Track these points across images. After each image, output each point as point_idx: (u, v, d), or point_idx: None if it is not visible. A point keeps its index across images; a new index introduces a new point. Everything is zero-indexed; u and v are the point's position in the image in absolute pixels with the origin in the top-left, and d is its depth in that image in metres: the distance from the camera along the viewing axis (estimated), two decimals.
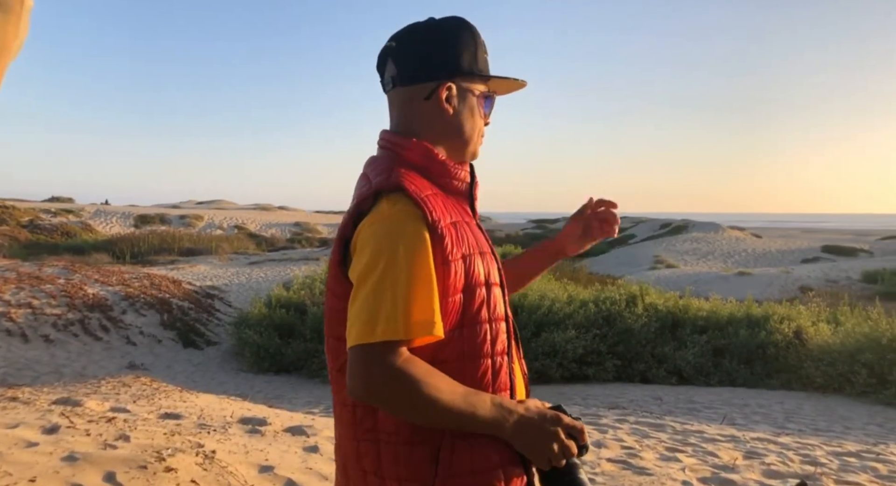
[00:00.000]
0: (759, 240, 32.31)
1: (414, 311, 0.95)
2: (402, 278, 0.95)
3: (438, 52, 1.11)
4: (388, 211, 1.00)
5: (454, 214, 1.06)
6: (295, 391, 8.41)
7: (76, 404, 3.66)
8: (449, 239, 1.02)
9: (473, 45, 1.13)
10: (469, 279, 1.04)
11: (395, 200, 1.01)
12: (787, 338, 9.34)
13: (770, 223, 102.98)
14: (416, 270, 0.96)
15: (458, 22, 1.14)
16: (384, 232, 0.98)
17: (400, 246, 0.97)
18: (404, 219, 0.99)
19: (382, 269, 0.96)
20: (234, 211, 40.33)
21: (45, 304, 10.25)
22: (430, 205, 1.02)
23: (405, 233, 0.98)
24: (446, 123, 1.12)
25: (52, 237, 25.07)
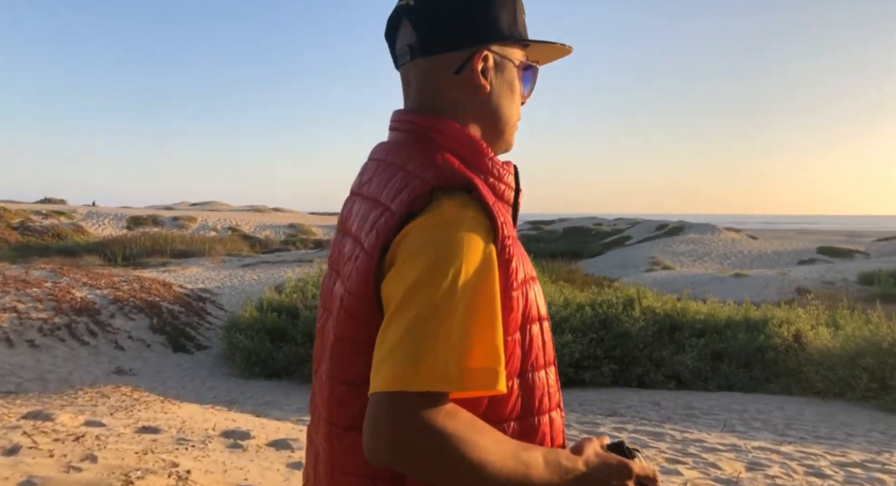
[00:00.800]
0: (755, 241, 32.27)
1: (475, 355, 0.70)
2: (464, 308, 0.70)
3: (470, 11, 0.85)
4: (454, 214, 0.74)
5: (511, 227, 0.83)
6: (286, 397, 8.24)
7: (47, 418, 3.47)
8: (515, 263, 0.79)
9: (514, 2, 0.88)
10: (527, 313, 0.82)
11: (460, 202, 0.76)
12: (786, 342, 9.22)
13: (765, 225, 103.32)
14: (483, 299, 0.72)
15: None
16: (448, 241, 0.72)
17: (465, 263, 0.72)
18: (472, 228, 0.74)
19: (438, 291, 0.70)
20: (227, 212, 40.11)
21: (30, 308, 10.05)
22: (501, 214, 0.78)
23: (475, 248, 0.73)
24: (481, 104, 0.87)
25: (42, 239, 24.82)
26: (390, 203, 0.78)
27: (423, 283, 0.71)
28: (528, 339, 0.82)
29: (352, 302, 0.79)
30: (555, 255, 23.63)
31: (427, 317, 0.69)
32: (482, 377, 0.70)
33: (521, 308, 0.80)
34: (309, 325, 9.91)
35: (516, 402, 0.80)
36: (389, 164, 0.85)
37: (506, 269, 0.77)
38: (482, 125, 0.88)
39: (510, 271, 0.78)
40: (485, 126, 0.88)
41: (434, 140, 0.84)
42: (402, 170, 0.81)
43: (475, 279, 0.72)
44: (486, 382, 0.70)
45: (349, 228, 0.88)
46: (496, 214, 0.77)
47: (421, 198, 0.76)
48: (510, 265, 0.78)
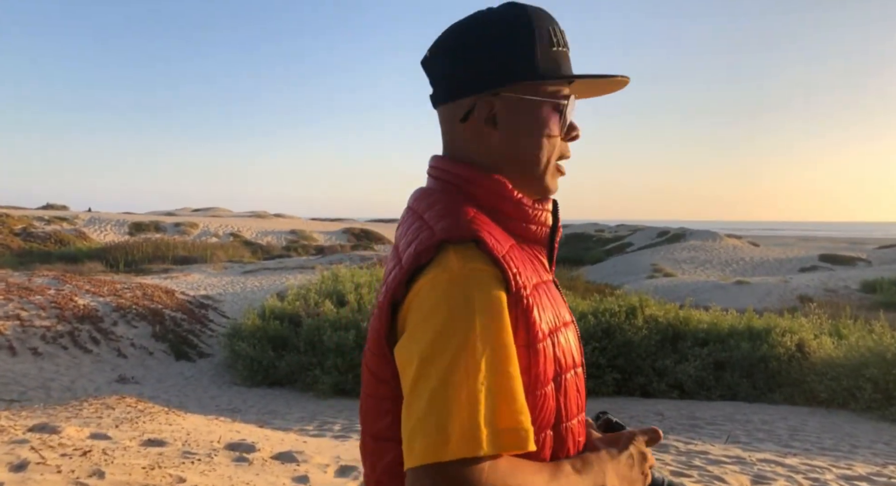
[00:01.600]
0: (757, 248, 32.25)
1: (501, 416, 0.69)
2: (483, 369, 0.69)
3: (476, 57, 0.84)
4: (458, 269, 0.73)
5: (534, 274, 0.81)
6: (288, 406, 8.23)
7: (53, 430, 3.47)
8: (537, 312, 0.77)
9: (528, 37, 0.84)
10: (557, 364, 0.80)
11: (467, 255, 0.75)
12: (789, 351, 9.20)
13: (766, 231, 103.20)
14: (500, 356, 0.71)
15: (507, 11, 0.86)
16: (457, 299, 0.72)
17: (477, 321, 0.71)
18: (481, 283, 0.73)
19: (454, 353, 0.69)
20: (229, 218, 40.16)
21: (34, 316, 10.05)
22: (514, 265, 0.77)
23: (485, 303, 0.72)
24: (494, 149, 0.86)
25: (45, 246, 24.84)
26: (402, 256, 0.79)
27: (438, 347, 0.70)
28: (564, 388, 0.81)
29: (371, 359, 0.81)
30: (556, 261, 23.62)
31: (448, 382, 0.69)
32: (511, 436, 0.69)
33: (552, 358, 0.79)
34: (311, 333, 9.90)
35: (546, 453, 0.79)
36: (414, 211, 0.86)
37: (526, 320, 0.76)
38: (505, 169, 0.86)
39: (531, 321, 0.76)
40: (508, 170, 0.86)
41: (459, 187, 0.85)
42: (419, 219, 0.82)
43: (492, 335, 0.71)
44: (515, 441, 0.70)
45: (385, 279, 0.88)
46: (507, 265, 0.75)
47: (427, 251, 0.75)
48: (530, 316, 0.76)
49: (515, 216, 0.84)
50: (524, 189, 0.87)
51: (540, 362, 0.77)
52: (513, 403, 0.70)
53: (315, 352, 9.64)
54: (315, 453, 4.00)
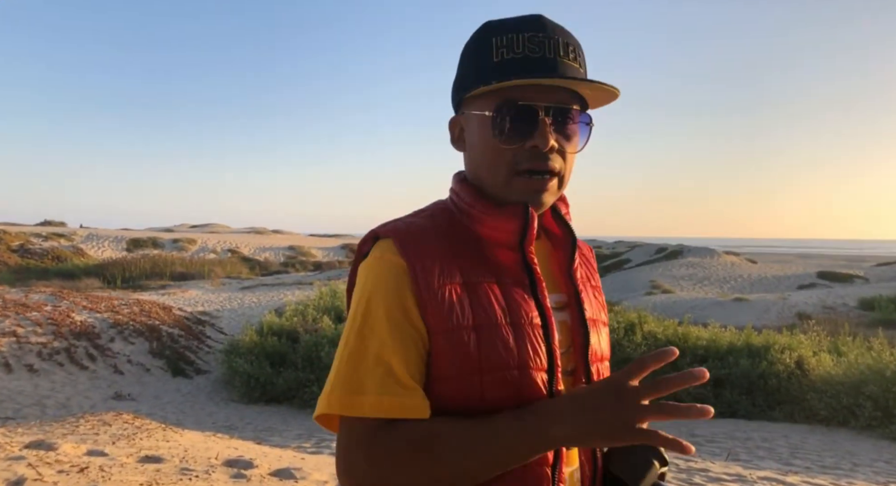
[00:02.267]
0: (755, 265, 32.30)
1: (348, 382, 0.81)
2: (353, 340, 0.83)
3: (456, 79, 0.94)
4: (375, 258, 0.86)
5: (475, 273, 0.85)
6: (286, 424, 8.16)
7: (50, 447, 3.45)
8: (458, 305, 0.82)
9: (473, 54, 0.89)
10: (484, 359, 0.81)
11: (384, 247, 0.86)
12: (788, 368, 9.18)
13: (763, 248, 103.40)
14: (368, 329, 0.82)
15: (475, 33, 0.92)
16: (363, 282, 0.86)
17: (363, 300, 0.84)
18: (379, 269, 0.85)
19: (348, 324, 0.86)
20: (227, 235, 40.16)
21: (30, 332, 10.01)
22: (422, 257, 0.84)
23: (376, 285, 0.84)
24: (469, 163, 0.94)
25: (42, 262, 24.79)
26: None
27: (348, 319, 0.87)
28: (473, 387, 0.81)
29: None
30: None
31: (340, 350, 0.85)
32: (347, 401, 0.81)
33: (450, 354, 0.82)
34: (308, 349, 9.86)
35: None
36: None
37: (437, 308, 0.82)
38: (475, 179, 0.93)
39: (443, 311, 0.82)
40: (477, 180, 0.93)
41: (450, 196, 0.96)
42: None
43: (365, 312, 0.83)
44: (348, 405, 0.80)
45: None
46: (408, 258, 0.84)
47: (366, 243, 0.91)
48: (443, 307, 0.82)
49: (478, 218, 0.90)
50: (497, 198, 0.90)
51: (461, 349, 0.82)
52: (362, 372, 0.81)
53: (313, 368, 9.60)
54: (313, 469, 3.97)
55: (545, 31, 0.87)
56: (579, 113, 0.90)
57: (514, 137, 0.86)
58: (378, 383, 0.80)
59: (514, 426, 0.77)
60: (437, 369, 0.82)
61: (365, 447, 0.79)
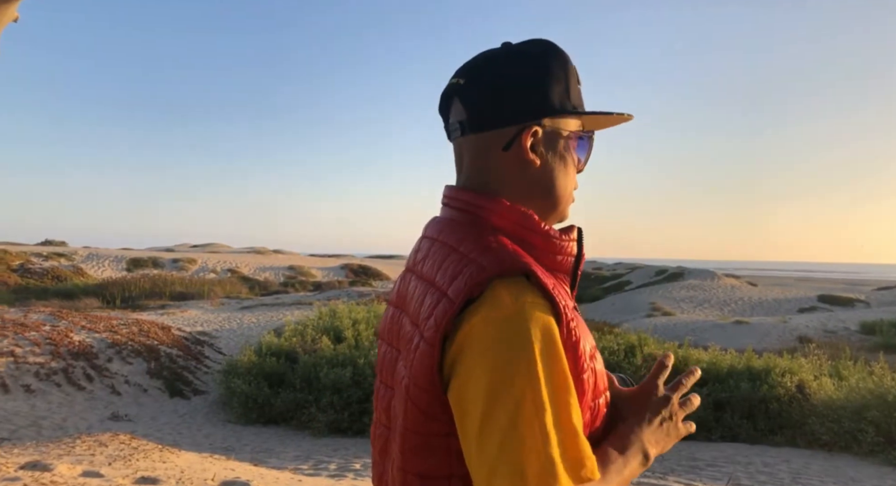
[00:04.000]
0: (755, 288, 32.26)
1: (570, 448, 0.71)
2: (549, 404, 0.70)
3: (519, 87, 0.85)
4: (511, 305, 0.73)
5: (567, 300, 0.82)
6: (283, 445, 8.10)
7: (46, 468, 3.43)
8: (582, 342, 0.78)
9: (564, 73, 0.88)
10: (594, 390, 0.81)
11: (518, 289, 0.75)
12: (789, 392, 9.13)
13: (763, 271, 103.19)
14: (562, 389, 0.72)
15: (542, 46, 0.88)
16: (515, 335, 0.72)
17: (537, 356, 0.71)
18: (535, 317, 0.73)
19: (520, 390, 0.70)
20: (228, 254, 40.18)
21: (28, 352, 9.97)
22: (561, 296, 0.78)
23: (540, 337, 0.72)
24: (532, 179, 0.87)
25: (42, 282, 24.78)
26: (447, 289, 0.78)
27: (502, 385, 0.70)
28: (598, 414, 0.83)
29: (419, 396, 0.78)
30: None
31: (518, 420, 0.69)
32: (582, 467, 0.71)
33: (592, 385, 0.80)
34: (307, 370, 9.83)
35: None
36: (443, 243, 0.85)
37: (574, 351, 0.76)
38: (535, 200, 0.88)
39: (579, 353, 0.77)
40: (538, 200, 0.88)
41: (485, 219, 0.85)
42: (455, 252, 0.82)
43: (549, 371, 0.72)
44: (585, 471, 0.71)
45: (407, 306, 0.88)
46: (557, 298, 0.76)
47: (479, 286, 0.75)
48: (578, 348, 0.77)
49: (543, 247, 0.84)
50: (546, 219, 0.89)
51: (584, 393, 0.78)
52: (578, 434, 0.72)
53: (311, 389, 9.54)
54: None
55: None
56: None
57: (584, 164, 0.94)
58: (586, 447, 0.73)
59: (635, 456, 0.83)
60: None
61: None
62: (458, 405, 0.73)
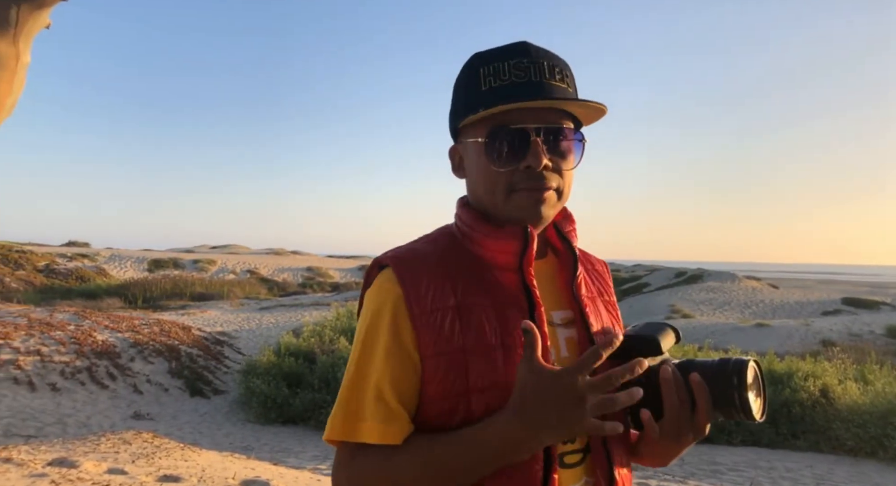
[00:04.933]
0: (776, 290, 31.76)
1: (349, 408, 0.87)
2: (353, 368, 0.88)
3: (450, 113, 0.98)
4: (376, 286, 0.91)
5: (473, 296, 0.87)
6: (301, 445, 8.15)
7: (72, 465, 3.50)
8: (429, 329, 0.85)
9: (464, 85, 0.93)
10: (451, 386, 0.85)
11: (384, 276, 0.91)
12: (812, 397, 8.97)
13: (785, 273, 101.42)
14: (364, 357, 0.88)
15: (465, 64, 0.95)
16: (363, 312, 0.91)
17: (362, 328, 0.89)
18: (376, 298, 0.89)
19: (351, 353, 0.91)
20: (247, 255, 40.57)
21: (53, 351, 10.16)
22: (417, 283, 0.87)
23: (374, 314, 0.89)
24: (469, 188, 0.98)
25: (66, 282, 25.25)
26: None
27: (352, 345, 0.92)
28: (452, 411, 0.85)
29: None
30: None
31: (345, 376, 0.90)
32: (357, 422, 0.85)
33: (440, 379, 0.85)
34: (325, 370, 9.88)
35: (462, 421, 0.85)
36: None
37: (432, 332, 0.86)
38: (478, 204, 0.96)
39: (440, 335, 0.86)
40: (479, 204, 0.96)
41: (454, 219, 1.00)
42: None
43: (362, 340, 0.89)
44: (349, 431, 0.85)
45: None
46: (403, 285, 0.88)
47: (372, 270, 0.94)
48: (438, 331, 0.86)
49: (477, 241, 0.93)
50: (494, 215, 0.93)
51: (427, 375, 0.85)
52: (366, 392, 0.86)
53: (329, 389, 9.60)
54: None
55: (529, 56, 0.91)
56: (572, 131, 0.93)
57: (508, 160, 0.89)
58: (373, 410, 0.85)
59: (468, 433, 0.81)
60: (428, 392, 0.86)
61: (346, 469, 0.87)
62: None
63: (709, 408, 0.86)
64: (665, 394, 0.86)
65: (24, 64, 1.25)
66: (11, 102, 1.28)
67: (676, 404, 0.86)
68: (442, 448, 0.83)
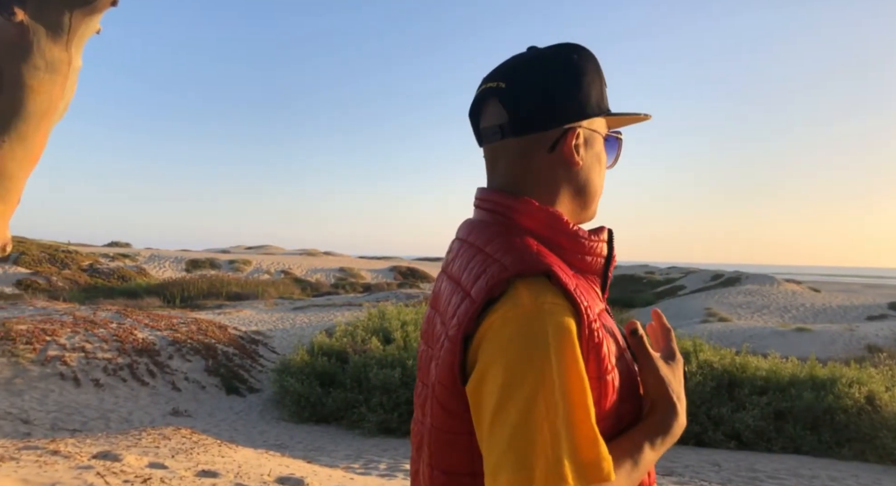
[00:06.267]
0: (818, 294, 30.80)
1: (582, 449, 0.70)
2: (562, 403, 0.70)
3: (562, 90, 0.86)
4: (530, 304, 0.74)
5: (595, 305, 0.81)
6: (334, 444, 8.24)
7: (115, 458, 3.61)
8: (606, 344, 0.78)
9: (598, 76, 0.90)
10: (622, 393, 0.81)
11: (539, 289, 0.75)
12: (857, 404, 8.67)
13: (827, 277, 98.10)
14: (577, 390, 0.72)
15: (576, 50, 0.89)
16: (533, 334, 0.72)
17: (552, 355, 0.71)
18: (554, 317, 0.73)
19: (532, 388, 0.70)
20: (281, 256, 41.23)
21: (97, 348, 10.50)
22: (584, 297, 0.77)
23: (557, 337, 0.72)
24: (572, 179, 0.89)
25: (108, 281, 26.06)
26: (470, 289, 0.79)
27: (515, 383, 0.71)
28: (619, 422, 0.81)
29: (442, 393, 0.80)
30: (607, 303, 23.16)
31: (528, 417, 0.69)
32: (593, 469, 0.70)
33: (616, 391, 0.80)
34: (357, 370, 9.98)
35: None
36: (471, 244, 0.87)
37: (597, 352, 0.76)
38: (571, 199, 0.90)
39: (601, 354, 0.77)
40: (574, 200, 0.90)
41: (514, 220, 0.86)
42: (481, 252, 0.83)
43: (568, 370, 0.72)
44: (597, 473, 0.70)
45: (439, 306, 0.90)
46: (578, 299, 0.75)
47: (499, 286, 0.76)
48: (601, 348, 0.77)
49: (571, 248, 0.85)
50: (577, 218, 0.92)
51: (608, 394, 0.78)
52: (591, 435, 0.71)
53: (361, 389, 9.69)
54: None
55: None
56: None
57: (616, 160, 0.97)
58: (602, 449, 0.72)
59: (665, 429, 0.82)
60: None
61: None
62: (474, 399, 0.75)
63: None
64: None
65: (76, 68, 1.30)
66: (64, 104, 1.33)
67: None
68: (640, 454, 0.79)
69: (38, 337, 10.24)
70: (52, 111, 1.23)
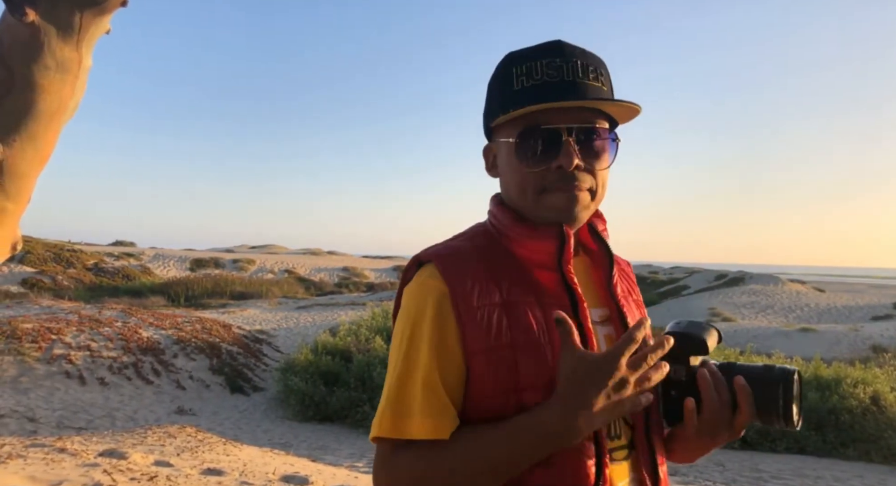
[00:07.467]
0: (823, 294, 30.67)
1: (399, 404, 0.84)
2: (401, 365, 0.86)
3: (485, 110, 0.98)
4: (418, 283, 0.90)
5: (518, 294, 0.87)
6: (338, 442, 8.26)
7: (122, 456, 3.62)
8: (496, 325, 0.85)
9: (497, 84, 0.94)
10: (501, 383, 0.84)
11: (429, 272, 0.89)
12: (862, 404, 8.64)
13: (831, 277, 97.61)
14: (413, 355, 0.85)
15: (499, 64, 0.95)
16: (406, 307, 0.89)
17: (409, 326, 0.87)
18: (425, 295, 0.87)
19: (394, 350, 0.89)
20: (284, 255, 41.28)
21: (102, 347, 10.54)
22: (462, 279, 0.87)
23: (418, 311, 0.87)
24: (504, 184, 0.97)
25: (113, 280, 26.14)
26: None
27: (393, 343, 0.90)
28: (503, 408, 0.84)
29: None
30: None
31: (388, 374, 0.88)
32: (400, 422, 0.83)
33: (486, 374, 0.84)
34: (361, 369, 9.99)
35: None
36: None
37: (477, 329, 0.85)
38: (513, 199, 0.95)
39: (483, 332, 0.85)
40: (515, 199, 0.94)
41: (488, 217, 1.00)
42: None
43: (410, 337, 0.86)
44: (400, 428, 0.83)
45: None
46: (450, 280, 0.87)
47: (410, 267, 0.94)
48: (481, 325, 0.85)
49: (516, 241, 0.93)
50: (531, 214, 0.92)
51: (500, 369, 0.84)
52: (413, 393, 0.84)
53: (365, 388, 9.70)
54: None
55: (563, 55, 0.90)
56: (607, 130, 0.92)
57: (540, 160, 0.89)
58: (422, 406, 0.83)
59: (513, 421, 0.81)
60: (476, 389, 0.85)
61: (389, 467, 0.84)
62: None
63: (751, 412, 0.87)
64: (705, 393, 0.88)
65: (86, 68, 1.30)
66: (74, 104, 1.33)
67: (717, 404, 0.87)
68: (487, 439, 0.81)
69: (43, 336, 10.29)
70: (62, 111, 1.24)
